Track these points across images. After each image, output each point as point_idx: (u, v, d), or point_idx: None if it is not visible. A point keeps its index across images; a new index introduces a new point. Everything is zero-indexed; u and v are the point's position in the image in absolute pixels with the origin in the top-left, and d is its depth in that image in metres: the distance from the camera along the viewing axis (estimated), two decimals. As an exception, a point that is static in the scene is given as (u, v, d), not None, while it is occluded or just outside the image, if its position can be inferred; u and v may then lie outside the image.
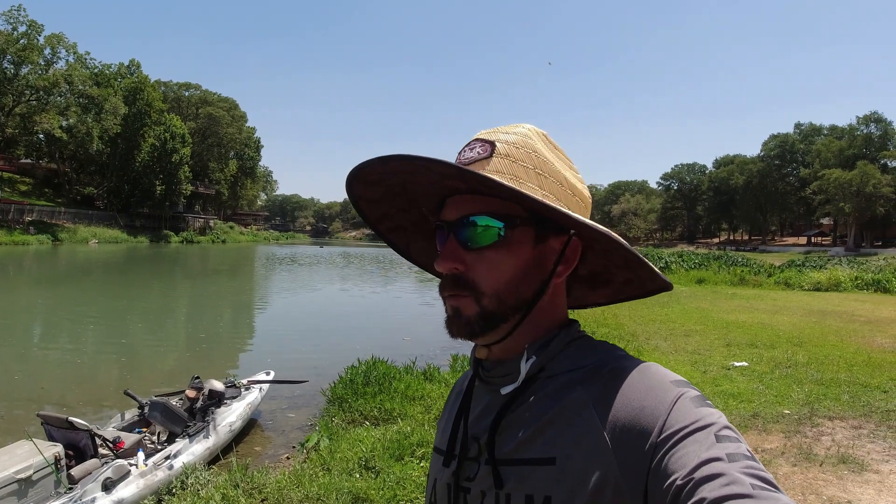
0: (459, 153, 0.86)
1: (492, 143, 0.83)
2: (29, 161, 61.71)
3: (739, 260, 33.87)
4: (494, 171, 0.80)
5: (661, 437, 0.68)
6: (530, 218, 0.81)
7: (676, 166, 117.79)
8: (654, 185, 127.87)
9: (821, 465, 5.14)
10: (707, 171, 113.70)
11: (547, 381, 0.82)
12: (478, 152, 0.83)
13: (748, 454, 0.64)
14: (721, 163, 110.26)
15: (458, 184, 0.82)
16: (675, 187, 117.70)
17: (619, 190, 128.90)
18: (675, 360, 9.55)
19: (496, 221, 0.80)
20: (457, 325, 0.82)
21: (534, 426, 0.78)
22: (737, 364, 9.17)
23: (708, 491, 0.59)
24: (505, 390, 0.83)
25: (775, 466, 5.12)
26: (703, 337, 11.86)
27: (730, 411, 6.74)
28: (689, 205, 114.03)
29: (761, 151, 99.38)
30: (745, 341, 11.21)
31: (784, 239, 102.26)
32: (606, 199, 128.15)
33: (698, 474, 0.61)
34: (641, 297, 0.95)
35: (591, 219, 0.84)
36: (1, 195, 54.16)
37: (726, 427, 0.67)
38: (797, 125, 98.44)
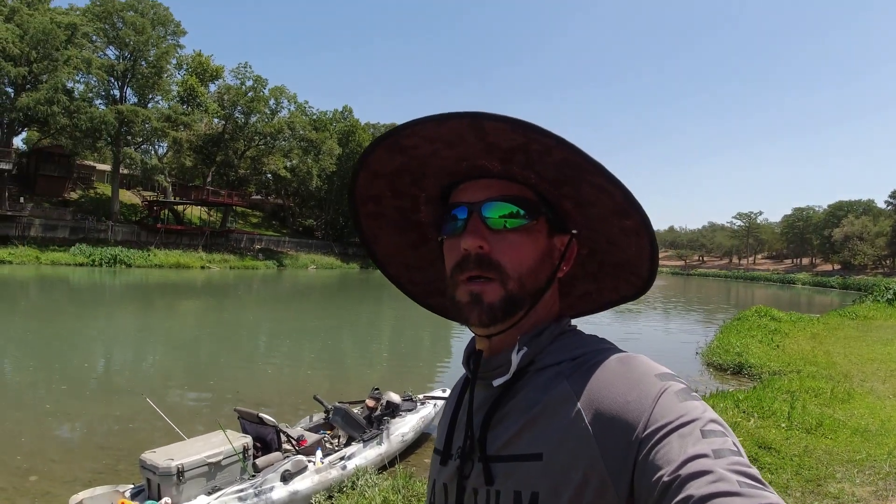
0: None
1: None
2: (259, 197, 70.39)
3: None
4: None
5: (647, 431, 0.67)
6: (546, 211, 0.85)
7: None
8: (881, 205, 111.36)
9: None
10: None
11: (536, 375, 0.82)
12: None
13: (735, 448, 0.63)
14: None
15: (491, 164, 0.82)
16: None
17: (840, 211, 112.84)
18: (893, 406, 8.29)
19: (523, 207, 0.82)
20: (477, 311, 0.81)
21: (521, 421, 0.78)
22: (971, 414, 7.68)
23: (695, 488, 0.58)
24: (496, 382, 0.83)
25: None
26: (931, 380, 10.11)
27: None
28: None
29: None
30: (985, 387, 9.35)
31: None
32: (826, 223, 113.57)
33: (685, 471, 0.60)
34: (593, 311, 1.00)
35: (809, 244, 0.81)
36: (235, 226, 62.26)
37: (712, 420, 0.66)
38: None
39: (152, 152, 57.46)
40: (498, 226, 0.81)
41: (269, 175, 67.16)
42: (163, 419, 5.78)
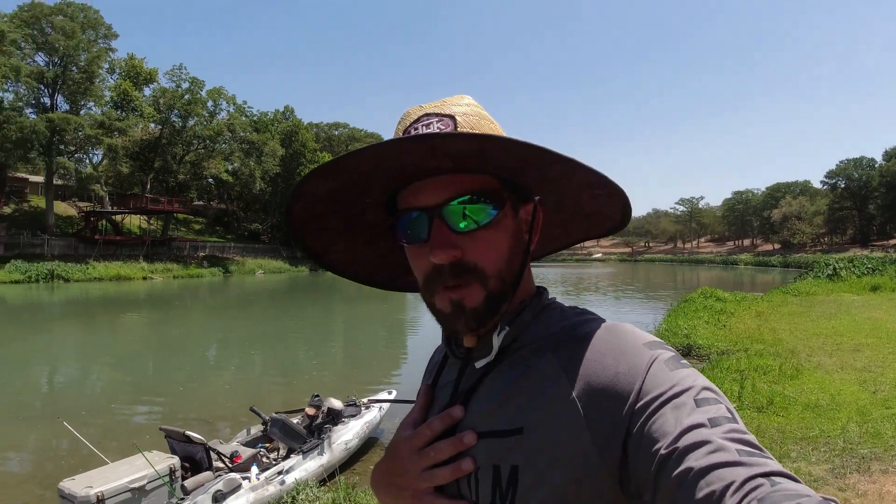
0: (407, 131, 0.79)
1: (451, 117, 0.78)
2: (201, 203, 68.55)
3: (921, 263, 29.70)
4: None
5: (639, 404, 0.65)
6: (507, 190, 0.78)
7: (841, 162, 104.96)
8: (817, 185, 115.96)
9: None
10: (877, 165, 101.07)
11: (519, 351, 0.79)
12: (438, 127, 0.77)
13: (729, 415, 0.62)
14: (892, 154, 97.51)
15: (443, 164, 0.74)
16: (842, 185, 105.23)
17: (778, 193, 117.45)
18: (841, 379, 8.47)
19: (488, 200, 0.77)
20: (463, 319, 0.77)
21: (502, 396, 0.76)
22: (913, 383, 7.93)
23: (694, 460, 0.57)
24: (479, 364, 0.81)
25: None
26: (875, 352, 10.47)
27: (900, 438, 5.78)
28: (859, 204, 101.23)
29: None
30: (924, 356, 9.69)
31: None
32: (765, 204, 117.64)
33: (682, 442, 0.59)
34: (561, 249, 0.99)
35: (749, 226, 0.66)
36: (177, 234, 60.52)
37: (705, 388, 0.65)
38: None
39: (87, 161, 55.28)
40: (465, 228, 0.76)
41: (211, 179, 65.56)
42: (91, 444, 5.44)
